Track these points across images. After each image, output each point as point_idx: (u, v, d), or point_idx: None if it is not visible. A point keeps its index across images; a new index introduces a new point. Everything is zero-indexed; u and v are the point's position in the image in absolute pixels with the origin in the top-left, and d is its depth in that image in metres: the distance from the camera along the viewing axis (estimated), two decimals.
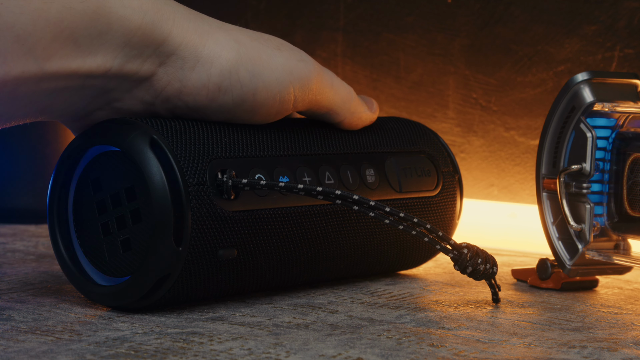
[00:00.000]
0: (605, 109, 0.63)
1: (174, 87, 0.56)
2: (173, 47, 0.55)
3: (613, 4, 0.82)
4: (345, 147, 0.63)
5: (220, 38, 0.56)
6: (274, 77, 0.57)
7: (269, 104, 0.58)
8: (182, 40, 0.55)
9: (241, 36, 0.57)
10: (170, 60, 0.55)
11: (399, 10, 0.91)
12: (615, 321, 0.57)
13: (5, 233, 0.83)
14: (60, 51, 0.52)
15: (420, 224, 0.57)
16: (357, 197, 0.56)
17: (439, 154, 0.68)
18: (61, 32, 0.52)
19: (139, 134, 0.54)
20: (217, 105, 0.57)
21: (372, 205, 0.56)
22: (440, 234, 0.58)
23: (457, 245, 0.58)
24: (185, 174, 0.53)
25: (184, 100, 0.56)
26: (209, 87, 0.56)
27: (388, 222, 0.57)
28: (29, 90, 0.52)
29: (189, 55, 0.55)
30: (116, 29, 0.53)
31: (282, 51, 0.58)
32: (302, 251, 0.59)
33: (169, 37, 0.55)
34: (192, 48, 0.55)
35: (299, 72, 0.59)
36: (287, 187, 0.55)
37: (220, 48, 0.56)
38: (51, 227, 0.57)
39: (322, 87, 0.60)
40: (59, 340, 0.49)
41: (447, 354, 0.49)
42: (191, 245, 0.53)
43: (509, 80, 0.87)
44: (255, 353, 0.48)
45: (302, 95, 0.59)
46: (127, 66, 0.54)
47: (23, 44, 0.51)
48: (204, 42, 0.56)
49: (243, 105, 0.57)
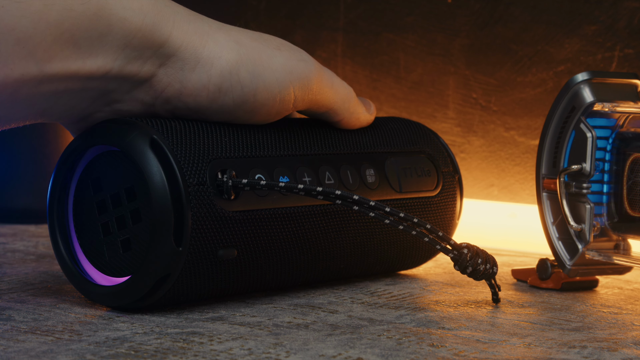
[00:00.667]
0: (605, 109, 0.63)
1: (174, 88, 0.56)
2: (173, 49, 0.55)
3: (613, 4, 0.82)
4: (345, 147, 0.63)
5: (220, 39, 0.56)
6: (274, 77, 0.57)
7: (269, 104, 0.58)
8: (182, 41, 0.55)
9: (241, 37, 0.57)
10: (170, 61, 0.55)
11: (399, 10, 0.91)
12: (615, 321, 0.57)
13: (5, 233, 0.83)
14: (61, 53, 0.52)
15: (420, 224, 0.57)
16: (357, 197, 0.56)
17: (439, 154, 0.68)
18: (62, 34, 0.52)
19: (139, 134, 0.54)
20: (217, 106, 0.57)
21: (372, 205, 0.56)
22: (440, 234, 0.58)
23: (457, 245, 0.58)
24: (186, 174, 0.53)
25: (184, 102, 0.56)
26: (209, 88, 0.56)
27: (388, 222, 0.57)
28: (30, 93, 0.52)
29: (189, 57, 0.55)
30: (116, 31, 0.53)
31: (283, 51, 0.58)
32: (302, 251, 0.59)
33: (169, 38, 0.55)
34: (192, 49, 0.55)
35: (299, 72, 0.59)
36: (287, 187, 0.55)
37: (221, 49, 0.56)
38: (51, 227, 0.57)
39: (322, 87, 0.60)
40: (59, 340, 0.49)
41: (447, 354, 0.49)
42: (191, 245, 0.53)
43: (509, 80, 0.87)
44: (255, 353, 0.48)
45: (302, 95, 0.59)
46: (128, 68, 0.54)
47: (24, 46, 0.51)
48: (204, 43, 0.56)
49: (244, 106, 0.57)
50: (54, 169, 0.57)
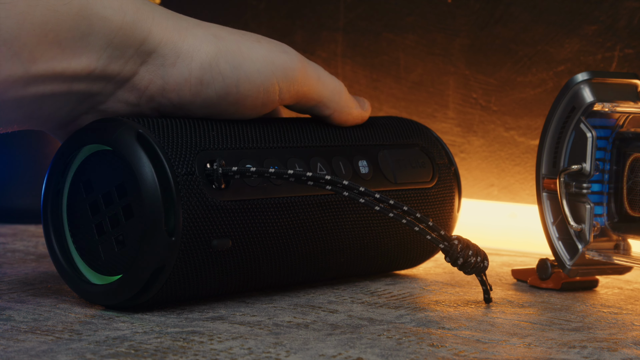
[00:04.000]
0: (605, 109, 0.63)
1: (157, 85, 0.56)
2: (153, 45, 0.55)
3: (613, 4, 0.82)
4: (337, 140, 0.63)
5: (199, 33, 0.57)
6: (255, 68, 0.58)
7: (253, 95, 0.58)
8: (161, 37, 0.56)
9: (220, 31, 0.58)
10: (151, 58, 0.56)
11: (399, 10, 0.91)
12: (615, 321, 0.57)
13: (5, 233, 0.83)
14: (46, 54, 0.52)
15: (409, 212, 0.57)
16: (347, 183, 0.56)
17: (432, 146, 0.67)
18: (46, 34, 0.52)
19: (125, 129, 0.54)
20: (201, 100, 0.57)
21: (362, 191, 0.56)
22: (430, 223, 0.58)
23: (447, 236, 0.58)
24: (174, 165, 0.54)
25: (167, 98, 0.57)
26: (190, 81, 0.56)
27: (378, 209, 0.56)
28: (16, 95, 0.53)
29: (169, 52, 0.56)
30: (98, 30, 0.54)
31: (263, 44, 0.59)
32: (299, 242, 0.59)
33: (149, 35, 0.55)
34: (171, 44, 0.56)
35: (281, 62, 0.59)
36: (277, 174, 0.55)
37: (200, 42, 0.57)
38: (46, 229, 0.57)
39: (308, 78, 0.60)
40: (59, 339, 0.49)
41: (447, 354, 0.49)
42: (184, 236, 0.54)
43: (509, 80, 0.87)
44: (255, 352, 0.48)
45: (287, 86, 0.59)
46: (110, 67, 0.55)
47: (9, 47, 0.51)
48: (183, 38, 0.56)
49: (227, 98, 0.57)
50: (47, 172, 0.57)
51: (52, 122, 0.57)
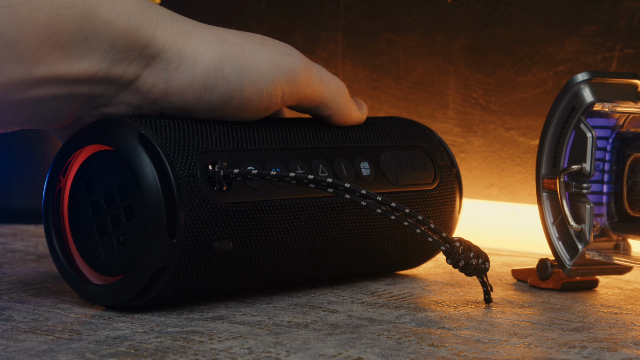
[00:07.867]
0: (605, 109, 0.63)
1: (160, 89, 0.56)
2: (157, 49, 0.55)
3: (613, 4, 0.82)
4: (338, 141, 0.63)
5: (203, 37, 0.57)
6: (259, 72, 0.58)
7: (256, 99, 0.58)
8: (166, 41, 0.55)
9: (224, 35, 0.58)
10: (154, 62, 0.55)
11: (399, 10, 0.91)
12: (615, 321, 0.57)
13: (5, 233, 0.83)
14: (48, 57, 0.52)
15: (412, 215, 0.57)
16: (349, 185, 0.56)
17: (434, 148, 0.67)
18: (48, 38, 0.52)
19: (128, 130, 0.54)
20: (204, 104, 0.57)
21: (364, 193, 0.56)
22: (432, 225, 0.58)
23: (449, 238, 0.58)
24: (176, 166, 0.54)
25: (170, 102, 0.56)
26: (194, 86, 0.56)
27: (380, 212, 0.56)
28: (18, 98, 0.53)
29: (173, 56, 0.56)
30: (102, 33, 0.53)
31: (267, 46, 0.59)
32: (300, 244, 0.59)
33: (153, 39, 0.55)
34: (175, 49, 0.56)
35: (285, 65, 0.59)
36: (279, 176, 0.55)
37: (204, 47, 0.56)
38: (47, 229, 0.57)
39: (311, 80, 0.60)
40: (59, 339, 0.49)
41: (447, 354, 0.49)
42: (185, 237, 0.54)
43: (509, 80, 0.87)
44: (255, 352, 0.48)
45: (290, 89, 0.59)
46: (114, 70, 0.54)
47: (12, 50, 0.51)
48: (187, 42, 0.56)
49: (231, 102, 0.57)
50: (48, 172, 0.57)
51: (54, 123, 0.57)
